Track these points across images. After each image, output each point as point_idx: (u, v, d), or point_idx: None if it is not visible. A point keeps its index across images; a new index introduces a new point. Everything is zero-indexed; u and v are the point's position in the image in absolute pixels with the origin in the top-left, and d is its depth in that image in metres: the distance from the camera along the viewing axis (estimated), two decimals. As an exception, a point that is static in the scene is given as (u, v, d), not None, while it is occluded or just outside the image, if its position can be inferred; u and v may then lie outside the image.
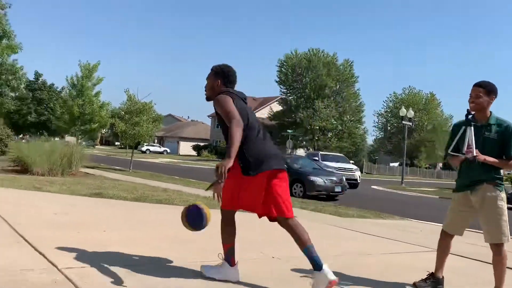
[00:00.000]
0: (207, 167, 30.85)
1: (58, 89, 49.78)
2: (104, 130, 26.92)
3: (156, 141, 64.77)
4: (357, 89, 47.12)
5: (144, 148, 56.83)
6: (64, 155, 11.87)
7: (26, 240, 3.70)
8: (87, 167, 14.95)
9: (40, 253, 3.34)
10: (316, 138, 43.01)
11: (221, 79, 3.15)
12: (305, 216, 7.29)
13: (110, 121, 21.11)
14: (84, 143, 21.90)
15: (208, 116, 59.02)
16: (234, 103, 2.95)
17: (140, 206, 6.95)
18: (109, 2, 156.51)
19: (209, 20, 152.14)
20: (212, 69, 3.24)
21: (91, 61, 21.50)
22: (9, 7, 14.93)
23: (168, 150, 61.96)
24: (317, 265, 2.89)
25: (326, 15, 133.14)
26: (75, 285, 2.71)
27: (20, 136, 45.53)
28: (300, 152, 42.44)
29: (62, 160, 11.68)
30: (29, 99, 48.04)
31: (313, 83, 43.18)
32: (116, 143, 72.36)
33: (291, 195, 12.42)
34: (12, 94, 17.06)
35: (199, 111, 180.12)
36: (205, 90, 3.24)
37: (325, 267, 2.87)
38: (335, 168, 18.65)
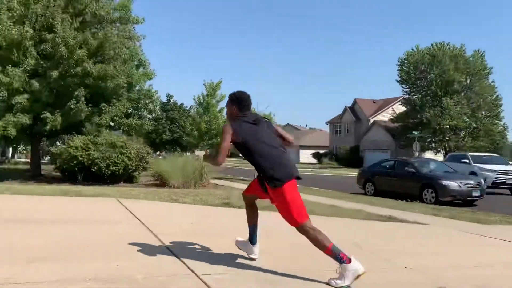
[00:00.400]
0: (329, 174, 30.57)
1: (187, 108, 54.14)
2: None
3: (277, 150, 66.09)
4: (492, 82, 42.44)
5: (266, 158, 58.39)
6: (196, 169, 12.79)
7: (168, 249, 4.04)
8: (216, 178, 15.90)
9: (181, 260, 3.61)
10: (447, 138, 39.65)
11: (237, 106, 3.54)
12: (436, 223, 6.74)
13: (234, 134, 22.18)
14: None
15: (326, 122, 58.60)
16: (237, 131, 3.38)
17: (268, 215, 7.13)
18: (226, 21, 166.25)
19: (323, 29, 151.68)
20: (228, 97, 3.66)
21: (214, 79, 22.97)
22: (143, 38, 16.73)
23: (289, 159, 62.73)
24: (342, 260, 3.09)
25: (446, 6, 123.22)
26: (213, 292, 2.86)
27: (157, 153, 50.47)
28: (429, 154, 39.54)
29: (194, 173, 12.60)
30: (163, 119, 53.01)
31: (439, 79, 40.03)
32: (240, 154, 75.73)
33: (422, 201, 11.72)
34: (149, 116, 18.97)
35: (317, 119, 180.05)
36: (226, 116, 3.70)
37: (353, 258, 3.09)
38: (493, 171, 16.63)
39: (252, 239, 3.82)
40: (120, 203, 7.45)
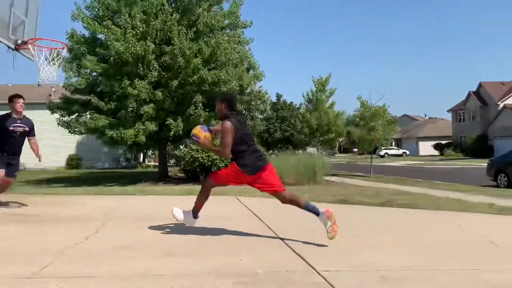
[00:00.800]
0: (452, 167, 28.29)
1: (297, 106, 54.55)
2: (341, 138, 27.93)
3: (393, 144, 63.33)
4: None
5: (382, 152, 56.37)
6: (308, 166, 12.83)
7: (287, 245, 4.12)
8: (330, 175, 15.75)
9: (300, 256, 3.66)
10: None
11: (225, 104, 4.39)
12: None
13: (346, 129, 21.80)
14: (324, 152, 23.16)
15: (448, 111, 54.23)
16: (233, 131, 4.20)
17: (386, 211, 6.87)
18: (333, 13, 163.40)
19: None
20: (219, 97, 4.80)
21: (323, 75, 22.76)
22: (252, 41, 17.28)
23: (407, 152, 59.66)
24: (316, 213, 4.30)
25: None
26: (333, 288, 2.85)
27: (270, 152, 51.74)
28: None
29: (307, 171, 12.65)
30: (274, 118, 54.11)
31: None
32: (354, 149, 74.03)
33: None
34: (261, 116, 19.50)
35: (437, 107, 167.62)
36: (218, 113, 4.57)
37: (321, 210, 4.29)
38: None
39: (196, 214, 4.59)
40: (239, 201, 7.80)
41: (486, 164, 14.89)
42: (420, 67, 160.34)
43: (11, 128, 5.89)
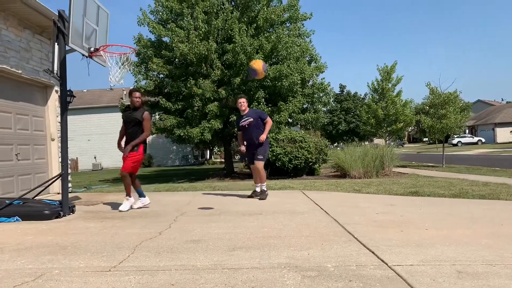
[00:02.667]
0: (536, 153, 26.12)
1: (362, 96, 53.13)
2: (411, 127, 26.83)
3: (467, 131, 59.75)
4: None
5: (455, 141, 53.47)
6: (376, 157, 12.47)
7: (356, 238, 4.05)
8: (399, 166, 15.21)
9: (370, 250, 3.58)
10: None
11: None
12: None
13: (415, 118, 20.89)
14: (392, 143, 22.40)
15: (529, 93, 50.09)
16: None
17: (460, 202, 6.51)
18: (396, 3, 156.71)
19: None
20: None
21: (388, 63, 21.96)
22: (313, 33, 17.08)
23: (483, 140, 56.00)
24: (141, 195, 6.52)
25: None
26: (406, 282, 2.76)
27: (335, 144, 50.88)
28: None
29: (375, 162, 12.30)
30: (338, 110, 53.15)
31: None
32: (424, 139, 70.79)
33: None
34: (324, 109, 19.22)
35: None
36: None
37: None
38: None
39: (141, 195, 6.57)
40: (305, 194, 7.77)
41: None
42: (494, 49, 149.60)
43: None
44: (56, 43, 5.99)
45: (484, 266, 3.08)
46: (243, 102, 7.23)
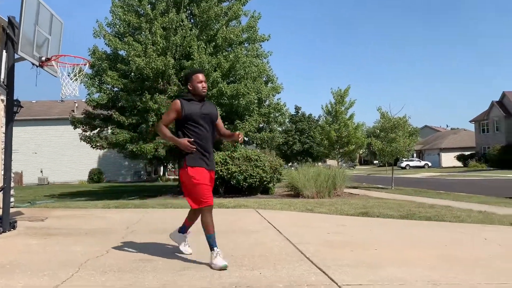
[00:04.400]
0: (477, 178, 27.64)
1: (316, 118, 54.37)
2: (362, 150, 27.66)
3: (415, 155, 62.41)
4: None
5: (403, 164, 55.65)
6: (329, 178, 12.70)
7: (308, 258, 4.06)
8: (350, 187, 15.58)
9: (321, 270, 3.60)
10: None
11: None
12: None
13: (366, 141, 21.58)
14: (344, 164, 22.97)
15: (470, 121, 53.21)
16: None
17: (408, 224, 6.73)
18: (350, 28, 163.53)
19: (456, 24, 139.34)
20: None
21: (342, 86, 22.68)
22: (270, 55, 17.37)
23: (429, 164, 58.69)
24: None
25: None
26: (356, 303, 2.78)
27: (289, 164, 51.52)
28: None
29: (327, 183, 12.53)
30: (293, 131, 54.07)
31: None
32: (375, 161, 73.21)
33: None
34: (280, 129, 19.51)
35: (459, 118, 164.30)
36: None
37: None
38: None
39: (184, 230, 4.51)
40: (259, 213, 7.76)
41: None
42: (440, 78, 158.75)
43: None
44: (4, 51, 5.73)
45: (431, 285, 3.17)
46: None
